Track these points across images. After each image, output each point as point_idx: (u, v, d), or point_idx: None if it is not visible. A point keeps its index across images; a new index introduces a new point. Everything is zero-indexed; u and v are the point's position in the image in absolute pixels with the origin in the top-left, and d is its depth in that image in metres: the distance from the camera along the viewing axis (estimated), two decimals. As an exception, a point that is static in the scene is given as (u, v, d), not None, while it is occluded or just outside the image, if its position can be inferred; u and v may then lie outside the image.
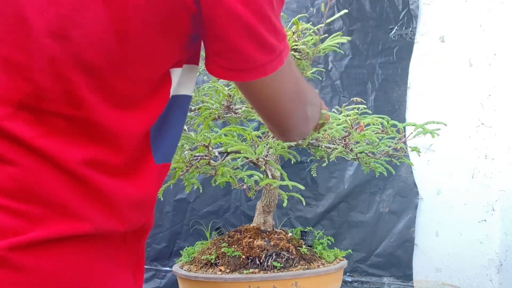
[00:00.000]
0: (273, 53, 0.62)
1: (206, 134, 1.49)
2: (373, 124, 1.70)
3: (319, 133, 1.38)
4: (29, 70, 0.56)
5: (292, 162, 1.66)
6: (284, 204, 1.52)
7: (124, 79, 0.58)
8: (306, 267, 1.70)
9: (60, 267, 0.56)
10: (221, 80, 1.99)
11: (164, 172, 0.67)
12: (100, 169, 0.58)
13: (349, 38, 1.63)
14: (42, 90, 0.56)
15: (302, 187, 1.45)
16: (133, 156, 0.61)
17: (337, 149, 1.64)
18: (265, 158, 1.60)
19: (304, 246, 1.80)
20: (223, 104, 1.74)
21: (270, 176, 1.63)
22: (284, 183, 1.49)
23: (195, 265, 1.77)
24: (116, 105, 0.58)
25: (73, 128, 0.57)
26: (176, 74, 0.64)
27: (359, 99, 1.79)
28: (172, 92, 0.64)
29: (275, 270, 1.66)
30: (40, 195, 0.55)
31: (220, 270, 1.68)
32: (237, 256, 1.69)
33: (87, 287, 0.58)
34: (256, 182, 1.59)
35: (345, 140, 1.67)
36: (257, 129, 1.91)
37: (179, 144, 1.64)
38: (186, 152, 1.51)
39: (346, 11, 1.32)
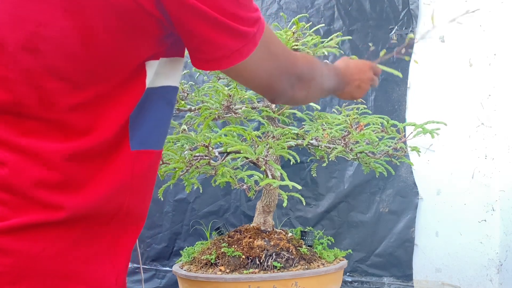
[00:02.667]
0: (245, 38, 0.67)
1: (206, 134, 1.49)
2: (373, 124, 1.70)
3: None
4: (7, 81, 0.63)
5: (292, 162, 1.66)
6: (284, 204, 1.52)
7: (94, 80, 0.63)
8: (306, 267, 1.70)
9: (37, 251, 0.61)
10: (221, 80, 2.00)
11: (143, 160, 0.69)
12: (76, 161, 0.63)
13: (349, 37, 1.63)
14: (20, 98, 0.62)
15: (299, 187, 1.45)
16: (108, 144, 0.65)
17: (336, 148, 1.64)
18: (265, 158, 1.60)
19: (304, 246, 1.80)
20: (223, 104, 1.74)
21: (270, 176, 1.63)
22: (284, 183, 1.49)
23: (195, 265, 1.77)
24: (88, 103, 0.63)
25: (50, 128, 0.63)
26: (152, 66, 0.67)
27: (359, 99, 1.79)
28: (149, 83, 0.68)
29: (275, 270, 1.66)
30: (20, 187, 0.61)
31: (220, 270, 1.68)
32: (237, 256, 1.69)
33: (63, 271, 0.63)
34: (256, 182, 1.59)
35: (344, 140, 1.67)
36: (257, 129, 1.91)
37: (179, 144, 1.64)
38: (186, 152, 1.51)
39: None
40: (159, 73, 0.69)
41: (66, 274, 0.63)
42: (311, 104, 2.10)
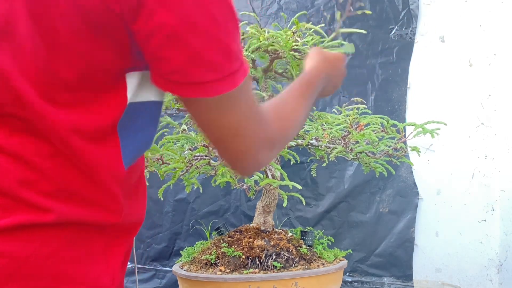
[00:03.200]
0: (238, 61, 0.61)
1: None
2: (373, 124, 1.70)
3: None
4: None
5: (292, 162, 1.66)
6: (284, 204, 1.52)
7: (65, 85, 0.60)
8: (306, 267, 1.70)
9: (28, 252, 0.60)
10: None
11: (131, 174, 0.68)
12: (61, 163, 0.61)
13: (357, 30, 1.62)
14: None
15: (300, 187, 1.45)
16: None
17: (336, 148, 1.64)
18: (265, 158, 1.60)
19: (304, 246, 1.80)
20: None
21: (270, 176, 1.63)
22: (284, 183, 1.49)
23: (195, 265, 1.77)
24: (63, 106, 0.61)
25: (30, 128, 0.61)
26: (132, 78, 0.63)
27: (359, 99, 1.79)
28: (132, 98, 0.64)
29: (275, 270, 1.66)
30: (9, 187, 0.60)
31: (220, 270, 1.68)
32: (237, 256, 1.69)
33: (56, 272, 0.62)
34: (256, 182, 1.59)
35: (344, 140, 1.67)
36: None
37: (179, 144, 1.64)
38: (186, 152, 1.51)
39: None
40: (142, 87, 0.65)
41: (59, 275, 0.62)
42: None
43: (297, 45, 1.62)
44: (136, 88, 0.64)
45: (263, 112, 0.70)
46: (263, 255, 1.69)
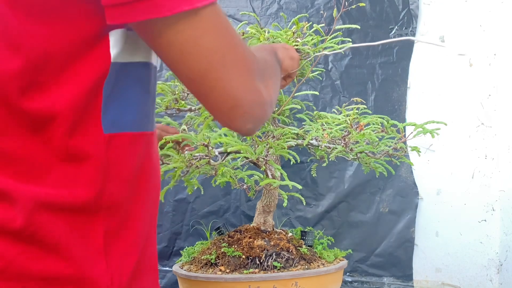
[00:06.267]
0: None
1: (206, 134, 1.49)
2: (373, 124, 1.70)
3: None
4: None
5: (292, 162, 1.66)
6: (284, 204, 1.52)
7: (40, 46, 0.57)
8: (306, 267, 1.70)
9: (17, 251, 0.57)
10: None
11: (117, 143, 0.63)
12: (42, 151, 0.59)
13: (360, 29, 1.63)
14: None
15: (300, 187, 1.45)
16: (72, 125, 0.59)
17: (336, 148, 1.64)
18: (265, 158, 1.60)
19: (304, 246, 1.80)
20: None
21: (270, 176, 1.63)
22: (284, 183, 1.49)
23: (195, 265, 1.77)
24: (40, 80, 0.58)
25: (6, 117, 0.59)
26: (116, 36, 0.59)
27: (359, 99, 1.79)
28: (115, 57, 0.60)
29: (275, 270, 1.66)
30: None
31: (220, 270, 1.68)
32: (237, 256, 1.69)
33: (49, 272, 0.59)
34: (256, 182, 1.59)
35: (344, 140, 1.67)
36: (257, 129, 1.91)
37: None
38: (186, 152, 1.51)
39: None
40: (125, 48, 0.61)
41: (53, 275, 0.59)
42: (311, 104, 2.10)
43: (297, 45, 1.62)
44: (120, 48, 0.60)
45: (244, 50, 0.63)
46: (263, 255, 1.69)
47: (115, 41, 0.59)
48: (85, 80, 0.59)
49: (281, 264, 1.67)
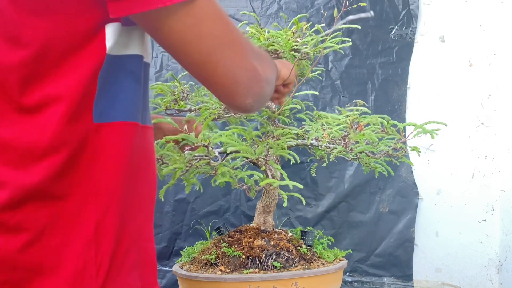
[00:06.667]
0: None
1: (206, 134, 1.49)
2: (373, 124, 1.70)
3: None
4: None
5: (292, 162, 1.66)
6: (284, 204, 1.52)
7: (39, 39, 0.59)
8: (306, 267, 1.70)
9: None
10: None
11: (105, 132, 0.64)
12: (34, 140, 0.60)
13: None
14: None
15: (301, 186, 1.45)
16: (70, 114, 0.61)
17: (336, 148, 1.64)
18: (265, 158, 1.60)
19: (304, 246, 1.80)
20: (223, 104, 1.74)
21: (270, 176, 1.63)
22: (284, 183, 1.49)
23: (195, 265, 1.77)
24: (38, 70, 0.59)
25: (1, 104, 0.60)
26: (112, 29, 0.62)
27: (361, 102, 1.79)
28: (110, 50, 0.62)
29: (275, 270, 1.66)
30: None
31: (220, 270, 1.68)
32: (237, 256, 1.69)
33: (32, 263, 0.60)
34: (256, 182, 1.59)
35: (344, 140, 1.67)
36: (256, 129, 1.91)
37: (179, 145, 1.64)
38: (186, 152, 1.51)
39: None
40: (119, 41, 0.63)
41: (36, 266, 0.59)
42: (311, 104, 2.10)
43: (297, 45, 1.62)
44: (115, 41, 0.62)
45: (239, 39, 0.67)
46: (263, 255, 1.69)
47: (110, 34, 0.61)
48: (83, 72, 0.60)
49: (281, 264, 1.67)
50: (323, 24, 1.69)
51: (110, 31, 0.61)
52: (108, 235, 0.64)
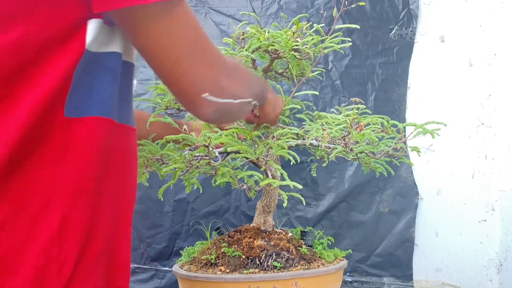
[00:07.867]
0: None
1: (206, 134, 1.49)
2: (373, 124, 1.70)
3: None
4: None
5: (292, 162, 1.66)
6: (284, 204, 1.52)
7: (22, 30, 0.58)
8: (306, 267, 1.70)
9: None
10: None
11: (78, 128, 0.64)
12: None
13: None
14: None
15: (300, 186, 1.45)
16: (41, 111, 0.61)
17: (336, 148, 1.64)
18: (265, 158, 1.60)
19: (304, 246, 1.80)
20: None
21: (270, 176, 1.63)
22: (284, 183, 1.49)
23: (195, 265, 1.77)
24: (16, 66, 0.59)
25: None
26: (93, 27, 0.62)
27: (358, 100, 1.79)
28: (89, 46, 0.63)
29: (275, 270, 1.66)
30: None
31: (220, 270, 1.68)
32: (237, 256, 1.69)
33: None
34: (256, 182, 1.59)
35: (344, 140, 1.67)
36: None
37: (179, 144, 1.64)
38: (186, 152, 1.51)
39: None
40: (98, 38, 0.64)
41: None
42: (311, 104, 2.10)
43: (297, 45, 1.62)
44: (94, 38, 0.63)
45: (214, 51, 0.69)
46: (263, 255, 1.69)
47: (91, 30, 0.62)
48: (60, 66, 0.61)
49: (281, 264, 1.67)
50: (323, 24, 1.69)
51: (91, 28, 0.62)
52: (74, 233, 0.63)
